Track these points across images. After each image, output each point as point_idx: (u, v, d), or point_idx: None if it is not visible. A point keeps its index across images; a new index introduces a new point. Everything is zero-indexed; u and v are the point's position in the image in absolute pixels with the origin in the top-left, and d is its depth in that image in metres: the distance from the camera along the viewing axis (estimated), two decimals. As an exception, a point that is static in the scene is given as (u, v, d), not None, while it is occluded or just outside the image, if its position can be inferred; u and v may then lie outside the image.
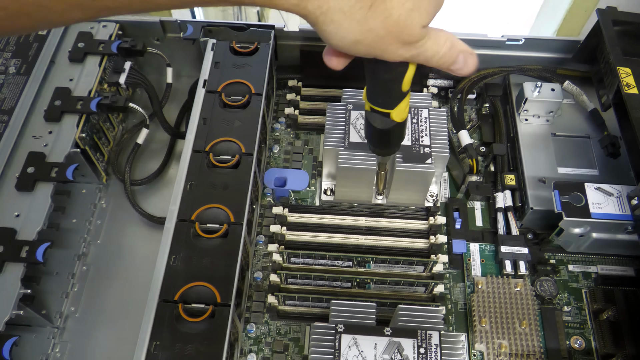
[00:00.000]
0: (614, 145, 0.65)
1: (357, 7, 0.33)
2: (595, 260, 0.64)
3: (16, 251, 0.54)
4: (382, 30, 0.34)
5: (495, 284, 0.60)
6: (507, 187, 0.66)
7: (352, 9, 0.33)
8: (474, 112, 0.76)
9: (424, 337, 0.47)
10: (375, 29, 0.34)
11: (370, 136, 0.50)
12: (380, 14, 0.33)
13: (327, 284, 0.58)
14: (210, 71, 0.64)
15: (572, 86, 0.70)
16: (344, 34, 0.35)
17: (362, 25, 0.34)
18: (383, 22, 0.33)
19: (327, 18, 0.34)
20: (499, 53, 0.73)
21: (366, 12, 0.33)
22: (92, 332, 0.60)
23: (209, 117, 0.61)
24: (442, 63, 0.38)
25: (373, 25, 0.34)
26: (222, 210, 0.54)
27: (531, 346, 0.56)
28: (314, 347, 0.47)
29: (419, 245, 0.59)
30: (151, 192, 0.71)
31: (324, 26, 0.34)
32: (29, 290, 0.53)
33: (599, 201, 0.59)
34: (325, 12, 0.33)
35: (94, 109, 0.63)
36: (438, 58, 0.38)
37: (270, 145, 0.72)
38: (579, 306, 0.61)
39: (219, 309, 0.49)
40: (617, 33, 0.65)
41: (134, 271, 0.64)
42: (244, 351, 0.57)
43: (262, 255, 0.63)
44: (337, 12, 0.33)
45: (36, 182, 0.59)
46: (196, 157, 0.58)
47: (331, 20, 0.34)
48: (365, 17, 0.33)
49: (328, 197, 0.66)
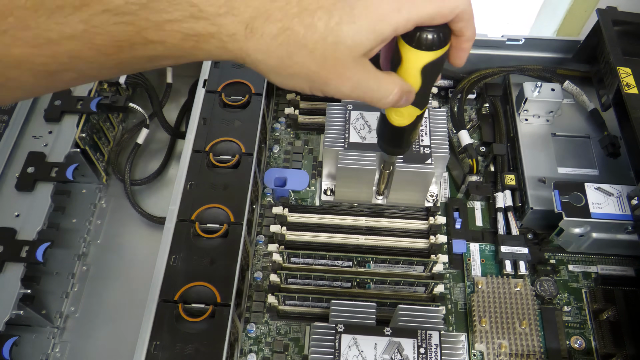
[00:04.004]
0: (614, 145, 0.65)
1: (274, 45, 0.31)
2: (595, 260, 0.63)
3: (16, 251, 0.54)
4: (313, 65, 0.32)
5: (495, 284, 0.60)
6: (507, 187, 0.66)
7: (270, 48, 0.31)
8: (474, 112, 0.76)
9: (424, 337, 0.47)
10: (305, 64, 0.32)
11: (383, 133, 0.48)
12: (303, 49, 0.31)
13: (327, 284, 0.58)
14: (210, 71, 0.64)
15: (572, 86, 0.70)
16: (276, 73, 0.33)
17: (288, 60, 0.32)
18: (309, 56, 0.31)
19: (251, 59, 0.32)
20: (499, 53, 0.73)
21: (287, 48, 0.31)
22: (92, 332, 0.60)
23: (209, 117, 0.61)
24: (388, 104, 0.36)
25: (301, 61, 0.32)
26: (222, 210, 0.54)
27: (531, 346, 0.56)
28: (314, 347, 0.47)
29: (419, 245, 0.59)
30: (151, 192, 0.71)
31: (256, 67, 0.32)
32: (29, 290, 0.53)
33: (599, 201, 0.59)
34: (248, 54, 0.31)
35: (94, 109, 0.64)
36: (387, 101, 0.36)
37: (270, 145, 0.72)
38: (579, 306, 0.61)
39: (219, 309, 0.49)
40: (617, 33, 0.65)
41: (134, 271, 0.64)
42: (244, 351, 0.57)
43: (262, 255, 0.63)
44: (258, 52, 0.31)
45: (36, 182, 0.59)
46: (196, 157, 0.58)
47: (256, 60, 0.32)
48: (288, 53, 0.31)
49: (328, 197, 0.66)
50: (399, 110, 0.43)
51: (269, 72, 0.33)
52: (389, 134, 0.47)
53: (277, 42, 0.31)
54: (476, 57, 0.73)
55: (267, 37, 0.31)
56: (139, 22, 0.28)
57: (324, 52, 0.32)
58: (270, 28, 0.30)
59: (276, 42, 0.31)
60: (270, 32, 0.31)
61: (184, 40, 0.30)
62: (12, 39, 0.27)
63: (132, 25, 0.28)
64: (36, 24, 0.27)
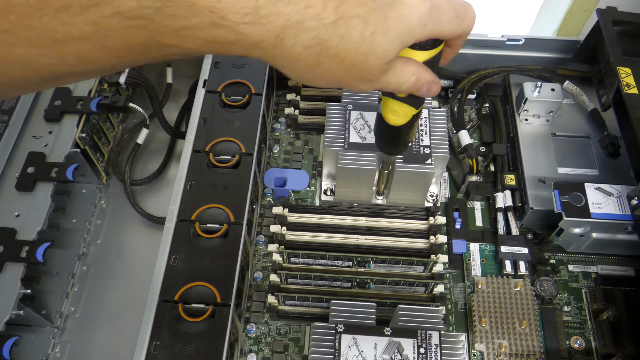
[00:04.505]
0: (614, 145, 0.65)
1: (304, 55, 0.31)
2: (595, 260, 0.63)
3: (16, 251, 0.54)
4: (339, 72, 0.32)
5: (495, 284, 0.60)
6: (507, 187, 0.66)
7: (300, 56, 0.31)
8: (474, 112, 0.76)
9: (424, 337, 0.47)
10: (332, 71, 0.32)
11: (380, 133, 0.49)
12: (334, 59, 0.31)
13: (327, 284, 0.58)
14: (210, 71, 0.64)
15: (572, 86, 0.70)
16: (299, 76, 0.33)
17: (316, 68, 0.32)
18: (338, 65, 0.32)
19: (276, 63, 0.32)
20: (499, 53, 0.73)
21: (317, 57, 0.31)
22: (92, 332, 0.60)
23: (209, 117, 0.61)
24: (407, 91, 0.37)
25: (328, 69, 0.32)
26: (222, 210, 0.54)
27: (531, 346, 0.56)
28: (314, 347, 0.47)
29: (419, 245, 0.59)
30: (151, 192, 0.71)
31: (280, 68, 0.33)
32: (29, 290, 0.53)
33: (599, 201, 0.59)
34: (274, 59, 0.31)
35: (94, 109, 0.64)
36: (403, 89, 0.37)
37: (270, 145, 0.72)
38: (579, 306, 0.61)
39: (219, 309, 0.49)
40: (617, 33, 0.65)
41: (134, 271, 0.64)
42: (244, 351, 0.57)
43: (262, 255, 0.63)
44: (285, 59, 0.31)
45: (36, 182, 0.59)
46: (196, 157, 0.58)
47: (282, 65, 0.32)
48: (317, 62, 0.31)
49: (328, 197, 0.66)
50: (394, 109, 0.43)
51: (292, 74, 0.33)
52: (386, 133, 0.47)
53: (308, 52, 0.31)
54: (476, 57, 0.73)
55: (299, 47, 0.30)
56: (153, 27, 0.27)
57: (354, 61, 0.32)
58: (302, 38, 0.30)
59: (307, 52, 0.31)
60: (302, 42, 0.30)
61: (203, 46, 0.29)
62: (14, 38, 0.25)
63: (145, 29, 0.27)
64: (40, 24, 0.25)
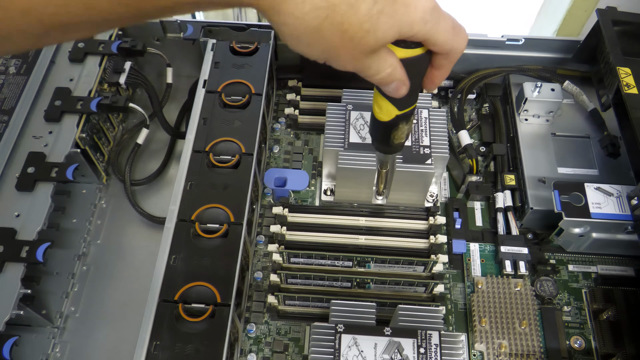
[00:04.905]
0: (614, 145, 0.65)
1: (311, 15, 0.32)
2: (595, 260, 0.64)
3: (16, 251, 0.54)
4: (337, 42, 0.33)
5: (495, 284, 0.60)
6: (507, 187, 0.66)
7: (306, 16, 0.32)
8: (474, 112, 0.76)
9: (424, 337, 0.47)
10: (330, 39, 0.33)
11: (371, 128, 0.49)
12: (337, 27, 0.32)
13: (327, 284, 0.58)
14: (210, 71, 0.64)
15: (572, 86, 0.70)
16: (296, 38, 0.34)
17: (316, 33, 0.33)
18: (339, 35, 0.33)
19: (278, 19, 0.33)
20: (499, 53, 0.73)
21: (322, 21, 0.32)
22: (92, 332, 0.60)
23: (209, 117, 0.61)
24: (377, 82, 0.38)
25: (328, 36, 0.33)
26: (222, 210, 0.54)
27: (531, 346, 0.56)
28: (314, 347, 0.47)
29: (419, 245, 0.59)
30: (151, 192, 0.71)
31: (279, 26, 0.33)
32: (29, 290, 0.53)
33: (598, 201, 0.59)
34: (278, 14, 0.32)
35: (94, 109, 0.63)
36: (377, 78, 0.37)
37: (270, 145, 0.72)
38: (579, 306, 0.61)
39: (219, 309, 0.49)
40: (617, 33, 0.65)
41: (134, 271, 0.64)
42: (244, 351, 0.57)
43: (262, 255, 0.63)
44: (289, 16, 0.32)
45: (36, 182, 0.59)
46: (196, 157, 0.58)
47: (283, 22, 0.33)
48: (320, 26, 0.32)
49: (328, 197, 0.66)
50: (379, 103, 0.44)
51: (290, 36, 0.34)
52: (375, 127, 0.48)
53: (315, 14, 0.31)
54: (476, 57, 0.73)
55: (308, 5, 0.31)
56: None
57: (354, 36, 0.33)
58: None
59: (314, 13, 0.31)
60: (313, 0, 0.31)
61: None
62: None
63: None
64: None
